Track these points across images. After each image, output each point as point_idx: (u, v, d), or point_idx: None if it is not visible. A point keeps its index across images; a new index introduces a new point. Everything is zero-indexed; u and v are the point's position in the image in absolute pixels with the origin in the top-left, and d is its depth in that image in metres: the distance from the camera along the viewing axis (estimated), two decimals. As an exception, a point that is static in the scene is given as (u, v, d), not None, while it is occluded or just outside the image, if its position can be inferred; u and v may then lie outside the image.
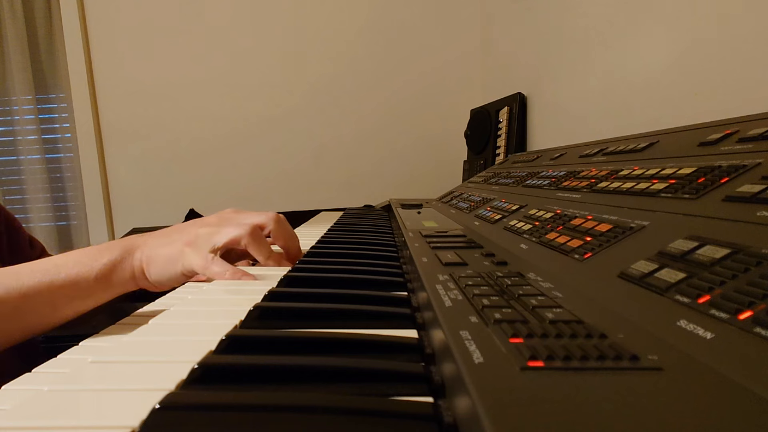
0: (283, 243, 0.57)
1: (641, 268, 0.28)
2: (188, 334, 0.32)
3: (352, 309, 0.35)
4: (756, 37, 0.62)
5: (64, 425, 0.21)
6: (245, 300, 0.37)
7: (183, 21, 1.94)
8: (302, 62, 1.96)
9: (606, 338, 0.22)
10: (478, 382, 0.18)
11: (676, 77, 0.77)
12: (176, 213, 1.88)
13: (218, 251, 0.48)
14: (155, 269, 0.47)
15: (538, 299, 0.28)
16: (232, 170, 2.01)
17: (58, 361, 0.33)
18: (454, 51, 1.93)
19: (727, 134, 0.41)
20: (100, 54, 1.95)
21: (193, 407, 0.21)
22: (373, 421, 0.20)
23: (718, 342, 0.19)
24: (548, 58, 1.29)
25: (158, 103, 1.97)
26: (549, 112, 1.31)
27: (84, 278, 0.44)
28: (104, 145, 2.00)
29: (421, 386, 0.23)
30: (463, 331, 0.24)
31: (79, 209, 2.02)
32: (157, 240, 0.49)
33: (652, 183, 0.41)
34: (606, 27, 1.00)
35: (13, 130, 1.96)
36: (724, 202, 0.31)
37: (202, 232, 0.49)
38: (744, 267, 0.23)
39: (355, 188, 1.99)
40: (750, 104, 0.57)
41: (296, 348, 0.29)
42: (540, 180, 0.68)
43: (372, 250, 0.60)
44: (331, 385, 0.24)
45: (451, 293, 0.31)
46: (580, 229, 0.40)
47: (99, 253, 0.46)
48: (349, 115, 1.98)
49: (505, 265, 0.39)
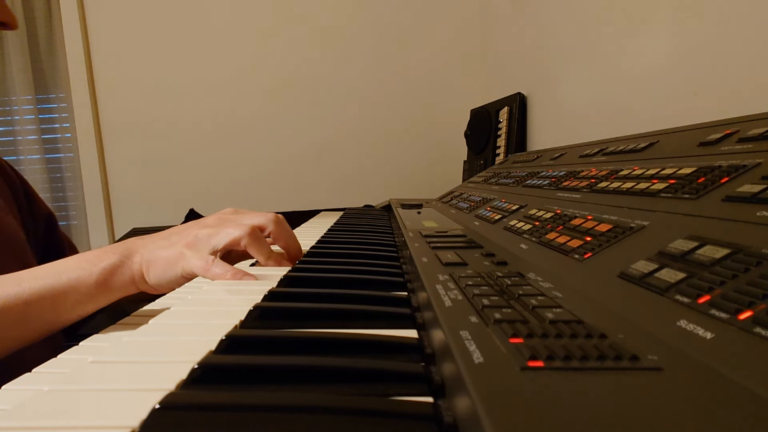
0: (284, 243, 0.56)
1: (641, 268, 0.28)
2: (188, 334, 0.32)
3: (352, 309, 0.35)
4: (756, 37, 0.62)
5: (64, 425, 0.21)
6: (245, 300, 0.37)
7: (183, 21, 1.94)
8: (302, 62, 1.96)
9: (606, 338, 0.22)
10: (478, 382, 0.18)
11: (676, 77, 0.77)
12: (176, 213, 1.88)
13: (218, 253, 0.48)
14: (155, 272, 0.47)
15: (538, 299, 0.28)
16: (232, 170, 2.01)
17: (58, 361, 0.33)
18: (454, 51, 1.93)
19: (727, 134, 0.41)
20: (100, 54, 1.95)
21: (193, 407, 0.21)
22: (373, 421, 0.20)
23: (718, 342, 0.19)
24: (548, 58, 1.29)
25: (158, 102, 1.98)
26: (549, 112, 1.31)
27: (84, 283, 0.44)
28: (104, 145, 2.00)
29: (421, 386, 0.23)
30: (463, 331, 0.24)
31: (79, 209, 2.02)
32: (156, 243, 0.49)
33: (652, 183, 0.41)
34: (606, 27, 1.00)
35: (13, 130, 1.96)
36: (724, 202, 0.31)
37: (202, 234, 0.49)
38: (744, 267, 0.23)
39: (355, 188, 1.99)
40: (750, 104, 0.57)
41: (296, 348, 0.29)
42: (540, 180, 0.68)
43: (372, 250, 0.60)
44: (330, 385, 0.24)
45: (451, 293, 0.31)
46: (580, 229, 0.40)
47: (98, 257, 0.46)
48: (349, 115, 1.98)
49: (505, 265, 0.39)
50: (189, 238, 0.49)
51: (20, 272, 0.44)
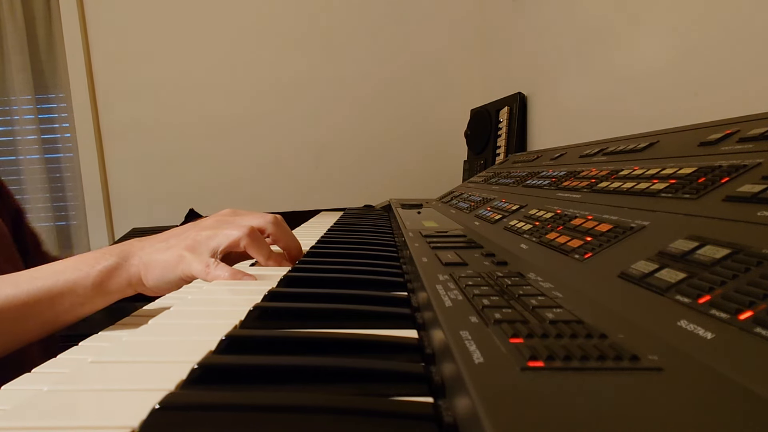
0: (284, 244, 0.56)
1: (641, 268, 0.28)
2: (188, 334, 0.32)
3: (352, 309, 0.35)
4: (756, 37, 0.62)
5: (64, 425, 0.21)
6: (245, 300, 0.37)
7: (182, 21, 1.94)
8: (302, 62, 1.96)
9: (606, 338, 0.22)
10: (478, 382, 0.18)
11: (676, 77, 0.77)
12: (176, 213, 1.88)
13: (218, 255, 0.48)
14: (153, 275, 0.47)
15: (538, 299, 0.28)
16: (232, 170, 2.01)
17: (58, 361, 0.33)
18: (454, 51, 1.93)
19: (727, 134, 0.41)
20: (100, 54, 1.95)
21: (193, 407, 0.21)
22: (373, 421, 0.20)
23: (718, 342, 0.19)
24: (548, 58, 1.29)
25: (158, 103, 1.97)
26: (549, 112, 1.31)
27: (81, 285, 0.44)
28: (104, 145, 2.00)
29: (421, 386, 0.23)
30: (463, 331, 0.24)
31: (78, 209, 2.01)
32: (155, 245, 0.49)
33: (652, 183, 0.41)
34: (606, 27, 1.00)
35: (12, 130, 1.96)
36: (724, 202, 0.31)
37: (201, 236, 0.49)
38: (744, 267, 0.23)
39: (355, 188, 1.99)
40: (750, 104, 0.57)
41: (296, 348, 0.29)
42: (540, 180, 0.68)
43: (372, 250, 0.60)
44: (331, 385, 0.24)
45: (451, 293, 0.31)
46: (580, 229, 0.40)
47: (96, 259, 0.46)
48: (349, 115, 1.98)
49: (505, 265, 0.39)
50: (188, 241, 0.49)
51: (18, 273, 0.44)
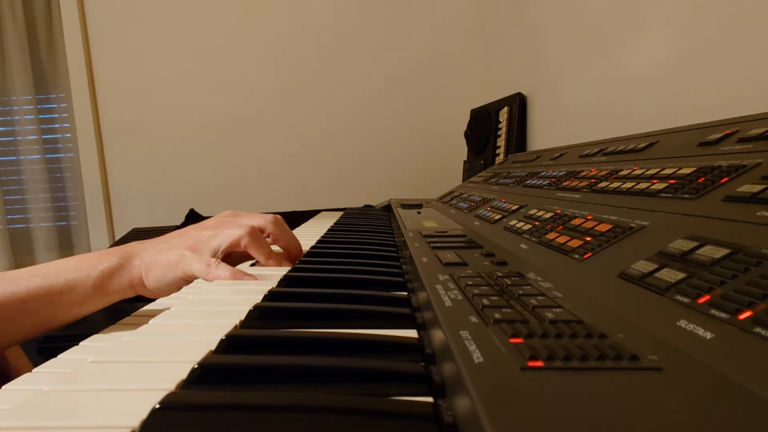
0: (284, 244, 0.57)
1: (641, 268, 0.28)
2: (188, 334, 0.32)
3: (352, 309, 0.35)
4: (756, 37, 0.62)
5: (64, 425, 0.21)
6: (245, 300, 0.37)
7: (183, 21, 1.94)
8: (303, 62, 1.96)
9: (606, 338, 0.22)
10: (478, 382, 0.18)
11: (676, 77, 0.77)
12: (176, 213, 1.88)
13: (219, 255, 0.48)
14: (154, 276, 0.47)
15: (538, 299, 0.28)
16: (232, 170, 2.01)
17: (58, 361, 0.33)
18: (454, 51, 1.93)
19: (727, 134, 0.41)
20: (100, 54, 1.95)
21: (193, 407, 0.21)
22: (373, 421, 0.20)
23: (718, 342, 0.19)
24: (548, 58, 1.29)
25: (158, 103, 1.97)
26: (549, 112, 1.31)
27: (82, 285, 0.44)
28: (104, 145, 2.00)
29: (421, 386, 0.23)
30: (463, 331, 0.24)
31: (79, 209, 2.01)
32: (156, 246, 0.49)
33: (652, 183, 0.41)
34: (606, 27, 1.00)
35: (13, 130, 1.96)
36: (724, 202, 0.31)
37: (202, 236, 0.49)
38: (744, 267, 0.23)
39: (355, 188, 1.99)
40: (750, 104, 0.57)
41: (296, 348, 0.29)
42: (540, 180, 0.68)
43: (372, 250, 0.60)
44: (330, 385, 0.24)
45: (451, 293, 0.31)
46: (580, 229, 0.40)
47: (98, 259, 0.46)
48: (349, 115, 1.98)
49: (505, 265, 0.39)
50: (189, 241, 0.49)
51: (19, 270, 0.44)
